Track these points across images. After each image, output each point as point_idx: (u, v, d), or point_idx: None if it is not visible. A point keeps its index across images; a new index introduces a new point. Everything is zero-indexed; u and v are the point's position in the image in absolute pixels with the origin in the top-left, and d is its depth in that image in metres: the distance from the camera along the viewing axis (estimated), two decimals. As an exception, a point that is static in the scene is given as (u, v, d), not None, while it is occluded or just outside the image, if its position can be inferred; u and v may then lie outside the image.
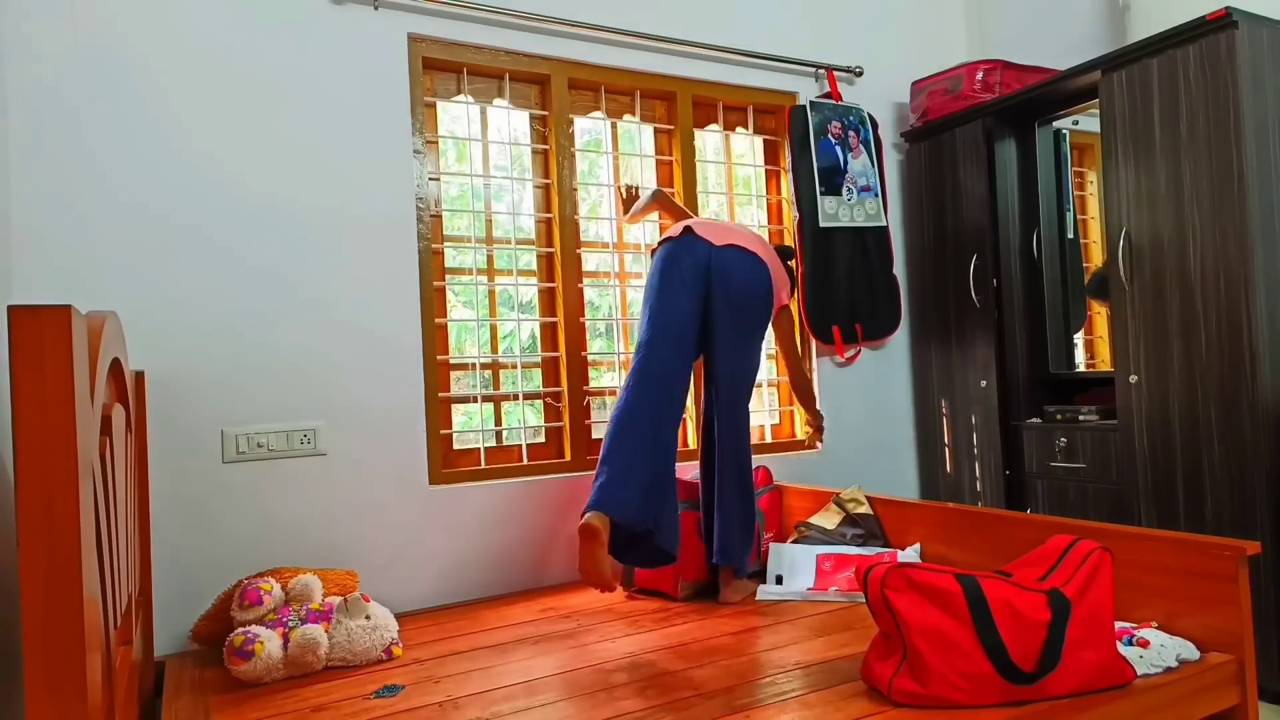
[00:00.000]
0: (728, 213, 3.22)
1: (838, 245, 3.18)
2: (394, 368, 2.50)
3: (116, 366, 1.51)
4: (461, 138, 2.75)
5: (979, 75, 3.13)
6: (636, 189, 2.95)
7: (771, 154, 3.33)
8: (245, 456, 2.30)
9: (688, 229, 2.46)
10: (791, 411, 3.31)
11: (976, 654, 1.54)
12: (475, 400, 2.73)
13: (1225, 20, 2.34)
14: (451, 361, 2.69)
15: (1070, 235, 3.06)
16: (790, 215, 3.21)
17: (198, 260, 2.28)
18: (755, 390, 2.65)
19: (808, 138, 3.13)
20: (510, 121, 2.83)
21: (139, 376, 2.06)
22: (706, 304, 2.39)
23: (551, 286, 2.83)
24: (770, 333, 2.78)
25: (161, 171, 2.24)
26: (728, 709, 1.60)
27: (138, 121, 2.22)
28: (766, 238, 3.25)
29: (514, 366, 2.79)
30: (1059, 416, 2.92)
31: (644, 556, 2.27)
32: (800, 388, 2.80)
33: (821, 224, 3.12)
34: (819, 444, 3.08)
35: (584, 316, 2.87)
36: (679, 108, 3.04)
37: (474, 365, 2.74)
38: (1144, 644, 1.71)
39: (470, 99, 2.74)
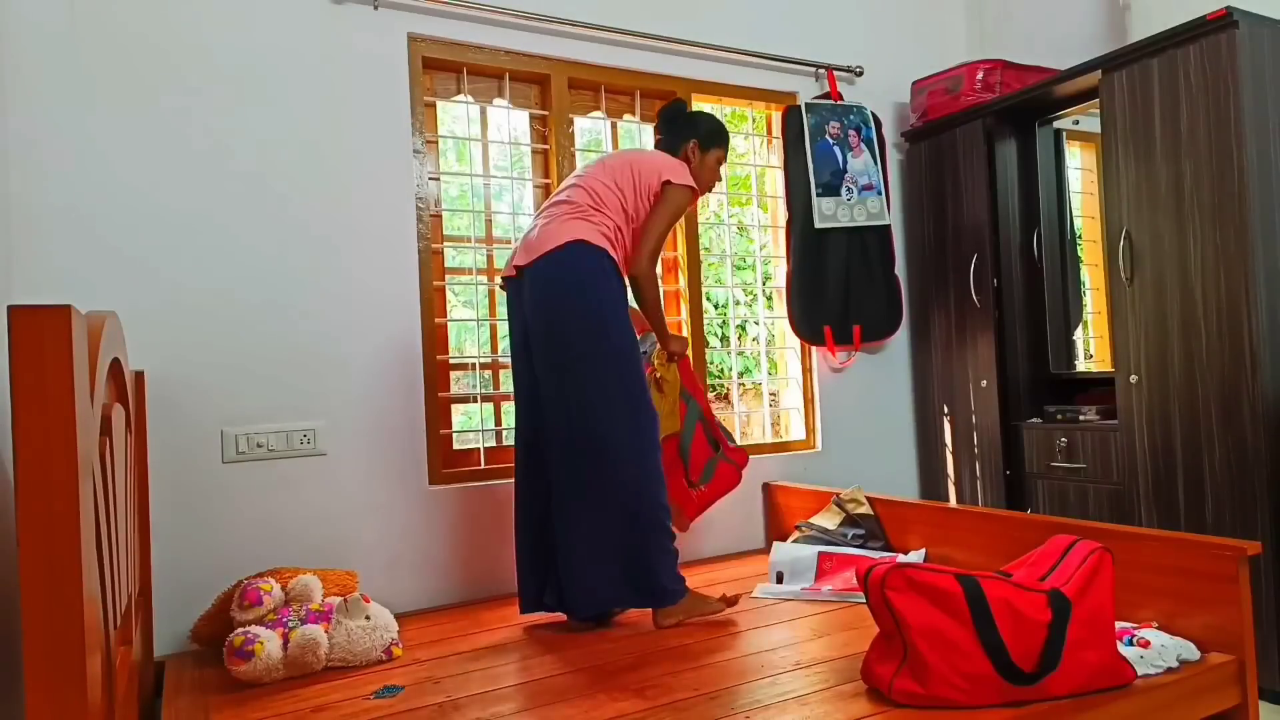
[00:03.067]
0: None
1: (831, 245, 3.17)
2: (394, 368, 2.50)
3: (116, 366, 1.51)
4: (461, 137, 2.75)
5: (979, 75, 3.13)
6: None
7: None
8: (245, 456, 2.30)
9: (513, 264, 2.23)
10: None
11: (977, 654, 1.54)
12: (475, 400, 2.73)
13: (1225, 20, 2.34)
14: (451, 361, 2.68)
15: (1070, 235, 3.06)
16: (778, 215, 3.21)
17: (198, 260, 2.27)
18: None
19: (802, 139, 3.13)
20: (510, 121, 2.83)
21: (139, 376, 2.06)
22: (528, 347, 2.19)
23: (551, 286, 2.82)
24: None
25: (161, 172, 2.24)
26: (728, 709, 1.60)
27: (137, 122, 2.22)
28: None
29: (514, 366, 2.79)
30: (1059, 416, 2.92)
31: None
32: (640, 282, 2.24)
33: (818, 225, 3.12)
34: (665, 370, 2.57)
35: (584, 316, 2.87)
36: (679, 108, 3.04)
37: (474, 365, 2.73)
38: (1144, 644, 1.71)
39: (470, 99, 2.73)
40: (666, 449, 2.46)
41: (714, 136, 2.42)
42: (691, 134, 2.40)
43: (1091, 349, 3.02)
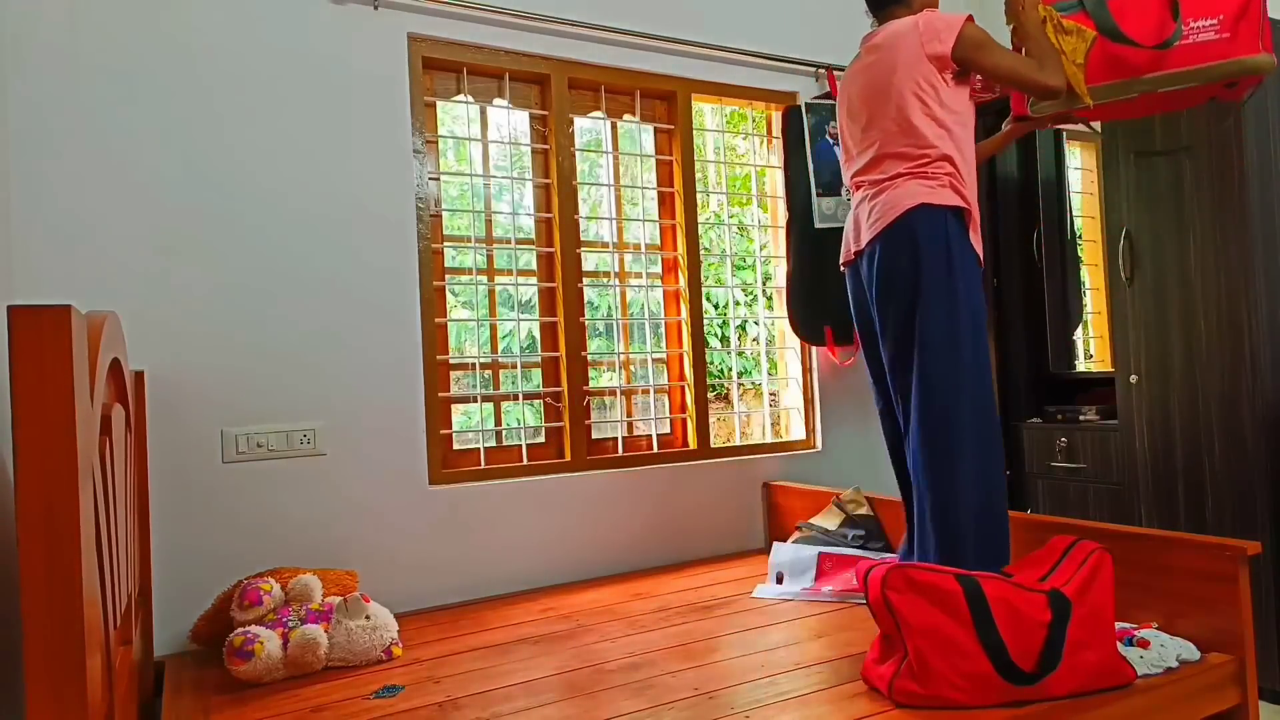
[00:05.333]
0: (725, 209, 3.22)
1: (831, 245, 3.14)
2: (394, 368, 2.50)
3: (116, 366, 1.51)
4: (461, 137, 2.75)
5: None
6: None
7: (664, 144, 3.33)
8: (245, 456, 2.30)
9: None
10: (684, 420, 3.27)
11: (977, 654, 1.54)
12: (475, 400, 2.73)
13: (1225, 20, 2.33)
14: (451, 361, 2.68)
15: (1070, 235, 3.07)
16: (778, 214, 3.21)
17: (197, 260, 2.27)
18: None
19: (803, 139, 3.12)
20: (510, 121, 2.83)
21: (139, 376, 2.06)
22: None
23: (551, 286, 2.83)
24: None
25: (161, 172, 2.24)
26: (728, 709, 1.60)
27: (138, 122, 2.22)
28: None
29: (514, 366, 2.79)
30: (1059, 416, 2.92)
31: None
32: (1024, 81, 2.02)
33: (818, 225, 3.11)
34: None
35: (584, 316, 2.87)
36: (679, 108, 3.04)
37: (474, 365, 2.73)
38: (1144, 644, 1.71)
39: (470, 99, 2.73)
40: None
41: None
42: None
43: (1091, 349, 3.02)
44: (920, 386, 1.93)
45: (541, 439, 2.82)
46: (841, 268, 2.21)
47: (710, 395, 3.14)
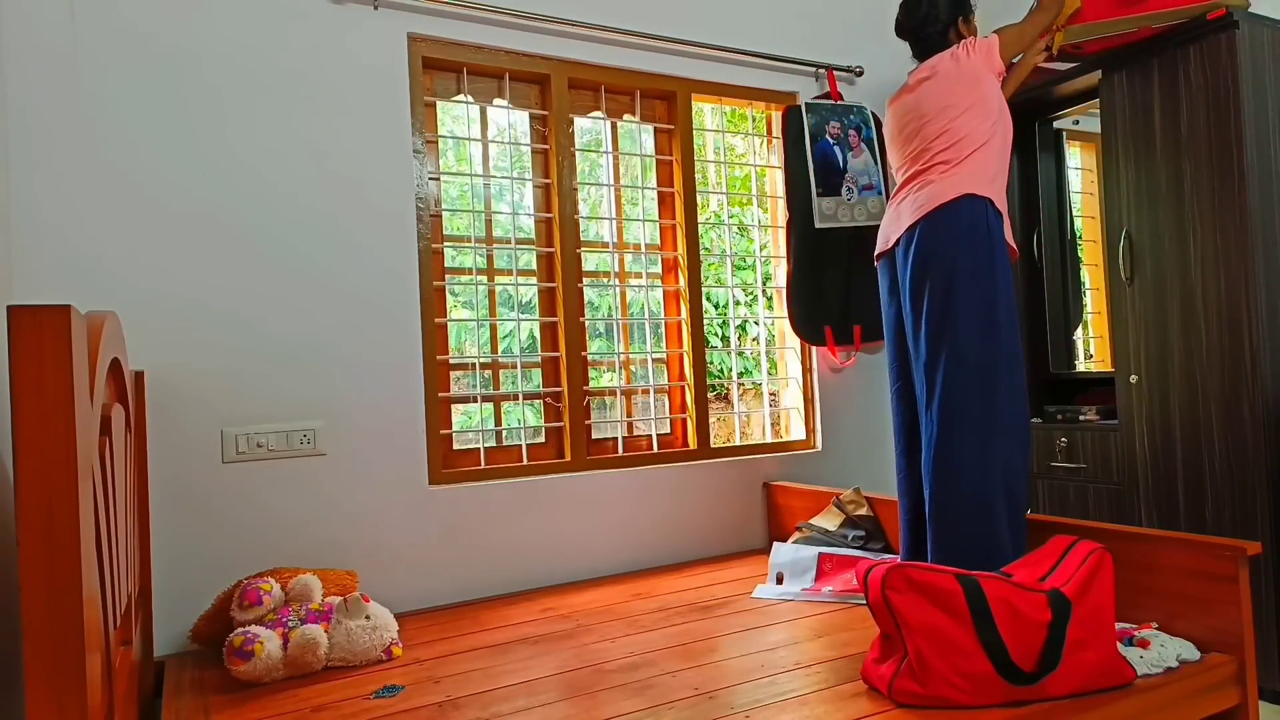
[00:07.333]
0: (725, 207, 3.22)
1: (831, 244, 3.17)
2: (394, 368, 2.50)
3: (116, 366, 1.51)
4: (461, 137, 2.75)
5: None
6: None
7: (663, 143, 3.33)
8: (245, 456, 2.30)
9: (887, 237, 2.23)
10: (684, 420, 3.29)
11: (977, 654, 1.54)
12: (475, 400, 2.73)
13: (1225, 20, 2.34)
14: (451, 361, 2.68)
15: (1070, 235, 3.07)
16: (778, 214, 3.21)
17: (198, 260, 2.27)
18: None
19: (803, 139, 3.13)
20: (510, 121, 2.83)
21: (139, 376, 2.06)
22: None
23: (551, 286, 2.83)
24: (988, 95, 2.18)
25: (161, 172, 2.24)
26: (728, 709, 1.60)
27: (137, 122, 2.22)
28: (656, 235, 3.24)
29: (514, 366, 2.79)
30: (1059, 416, 2.92)
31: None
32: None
33: (818, 225, 3.12)
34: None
35: (584, 316, 2.87)
36: (679, 108, 3.04)
37: (474, 365, 2.74)
38: (1144, 644, 1.71)
39: (470, 99, 2.73)
40: None
41: (965, 2, 2.30)
42: (954, 12, 2.26)
43: (1091, 349, 3.02)
44: (951, 365, 2.00)
45: (541, 439, 2.82)
46: (875, 261, 2.30)
47: (710, 395, 3.14)
